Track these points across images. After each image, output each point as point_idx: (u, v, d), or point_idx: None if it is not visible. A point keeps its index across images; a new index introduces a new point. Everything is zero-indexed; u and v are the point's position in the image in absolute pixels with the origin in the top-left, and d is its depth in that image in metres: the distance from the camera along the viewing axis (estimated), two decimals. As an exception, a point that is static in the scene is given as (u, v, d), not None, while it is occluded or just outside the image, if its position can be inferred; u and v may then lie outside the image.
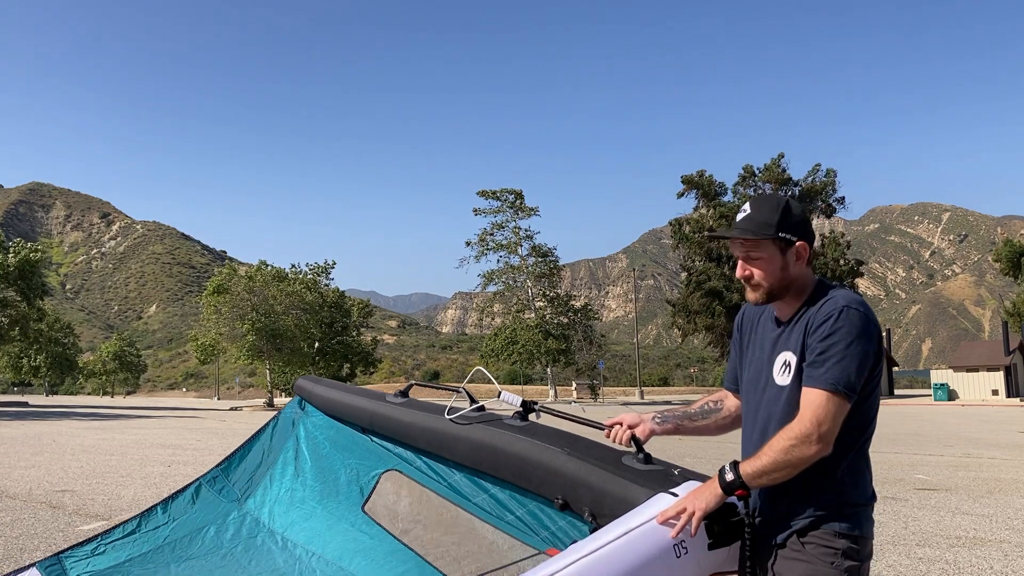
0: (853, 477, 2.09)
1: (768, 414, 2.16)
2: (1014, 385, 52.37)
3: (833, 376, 1.98)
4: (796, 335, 2.12)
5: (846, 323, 2.02)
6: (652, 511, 2.01)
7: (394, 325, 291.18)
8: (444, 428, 2.55)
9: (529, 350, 64.36)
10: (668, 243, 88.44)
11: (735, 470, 2.03)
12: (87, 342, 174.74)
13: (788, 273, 2.15)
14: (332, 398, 2.96)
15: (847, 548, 2.02)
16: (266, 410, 44.36)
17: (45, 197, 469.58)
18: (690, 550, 1.98)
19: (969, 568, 6.14)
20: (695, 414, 2.49)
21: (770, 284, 2.16)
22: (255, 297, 46.35)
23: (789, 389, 2.10)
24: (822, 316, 2.06)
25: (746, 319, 2.39)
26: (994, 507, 9.03)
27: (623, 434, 2.41)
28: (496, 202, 67.54)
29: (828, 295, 2.12)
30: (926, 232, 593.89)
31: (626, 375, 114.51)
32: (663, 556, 1.93)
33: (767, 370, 2.19)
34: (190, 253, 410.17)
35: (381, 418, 2.77)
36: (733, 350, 2.46)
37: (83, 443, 17.29)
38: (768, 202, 2.17)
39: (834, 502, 2.05)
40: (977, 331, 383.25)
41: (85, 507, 8.62)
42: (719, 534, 2.03)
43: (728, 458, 2.10)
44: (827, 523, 2.03)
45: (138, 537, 2.73)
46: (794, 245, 2.15)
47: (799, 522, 2.05)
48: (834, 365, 1.99)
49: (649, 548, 1.93)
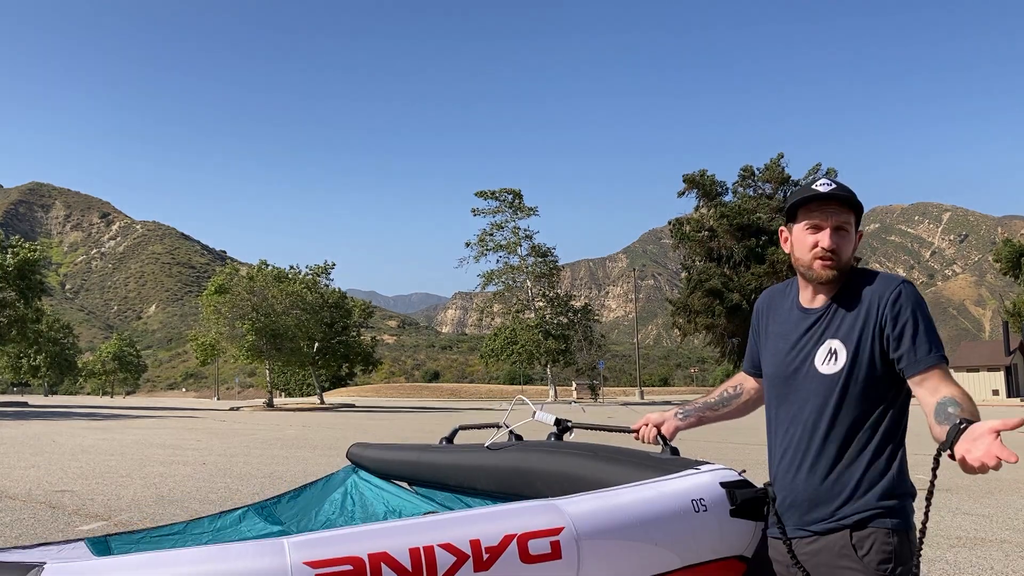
0: (902, 468, 2.06)
1: (816, 405, 2.09)
2: (1014, 385, 52.39)
3: (936, 348, 2.01)
4: (846, 323, 2.08)
5: (912, 298, 2.04)
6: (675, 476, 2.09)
7: (394, 325, 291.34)
8: (479, 461, 2.64)
9: (529, 350, 64.38)
10: (668, 243, 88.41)
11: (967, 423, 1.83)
12: (87, 342, 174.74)
13: (853, 255, 2.15)
14: (380, 457, 3.15)
15: (899, 547, 1.97)
16: (266, 410, 44.36)
17: (45, 197, 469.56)
18: (709, 508, 2.00)
19: (969, 568, 6.13)
20: (716, 403, 2.52)
21: (846, 260, 2.12)
22: (255, 297, 46.35)
23: (841, 376, 2.05)
24: (890, 297, 2.04)
25: (766, 306, 2.36)
26: (994, 507, 9.02)
27: (650, 433, 2.48)
28: (495, 202, 67.56)
29: (868, 279, 2.12)
30: (926, 232, 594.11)
31: (626, 375, 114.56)
32: (681, 508, 1.97)
33: (804, 360, 2.13)
34: (190, 253, 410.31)
35: (424, 466, 2.92)
36: (752, 336, 2.44)
37: (83, 443, 17.28)
38: (840, 183, 2.18)
39: (889, 494, 2.00)
40: (977, 331, 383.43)
41: (85, 507, 8.61)
42: (741, 503, 2.06)
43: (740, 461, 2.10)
44: (880, 519, 1.98)
45: (183, 538, 2.80)
46: (859, 230, 2.17)
47: (851, 516, 1.99)
48: (929, 339, 2.01)
49: (667, 498, 1.98)
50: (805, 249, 2.14)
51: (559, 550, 1.76)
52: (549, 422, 2.64)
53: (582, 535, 1.80)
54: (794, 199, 2.17)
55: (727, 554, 2.06)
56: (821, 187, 2.12)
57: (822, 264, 2.10)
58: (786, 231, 2.24)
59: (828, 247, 2.09)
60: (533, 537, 1.74)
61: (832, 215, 2.10)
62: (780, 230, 2.29)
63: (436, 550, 1.64)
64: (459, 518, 1.75)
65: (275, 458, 14.21)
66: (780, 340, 2.21)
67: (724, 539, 2.04)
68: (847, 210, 2.11)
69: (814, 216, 2.12)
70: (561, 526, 1.79)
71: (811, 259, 2.12)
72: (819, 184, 2.13)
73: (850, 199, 2.10)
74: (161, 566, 1.46)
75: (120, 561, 1.48)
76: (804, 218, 2.14)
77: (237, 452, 15.35)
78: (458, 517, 1.76)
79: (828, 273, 2.10)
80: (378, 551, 1.59)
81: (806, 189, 2.15)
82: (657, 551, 1.91)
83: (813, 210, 2.12)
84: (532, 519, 1.78)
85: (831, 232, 2.10)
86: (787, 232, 2.23)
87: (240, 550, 1.52)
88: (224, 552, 1.51)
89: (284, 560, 1.51)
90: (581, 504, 1.87)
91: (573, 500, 1.89)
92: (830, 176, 50.77)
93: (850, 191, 2.13)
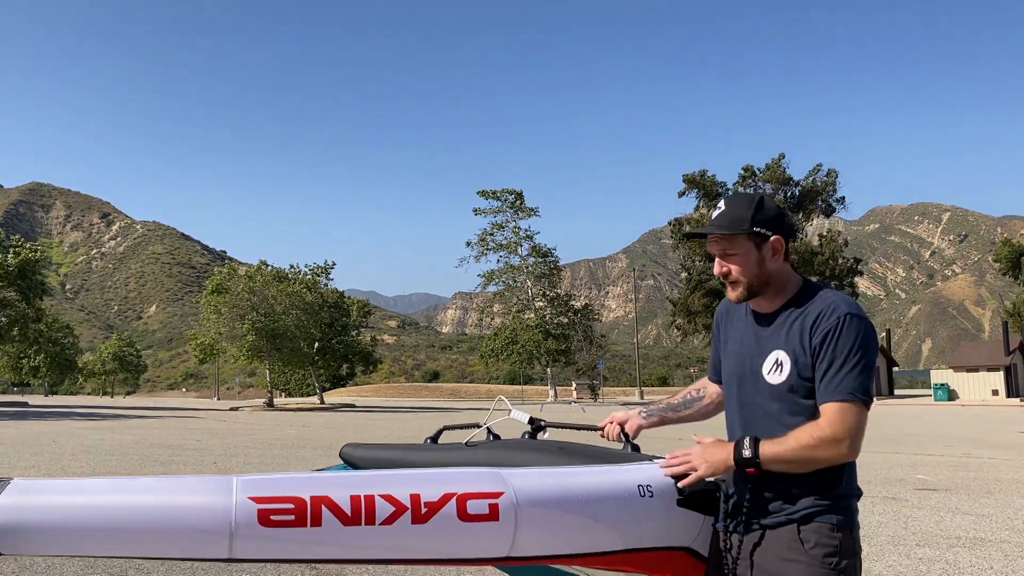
0: (849, 470, 2.13)
1: (759, 412, 2.17)
2: (1014, 385, 52.36)
3: (852, 385, 2.01)
4: (790, 335, 2.12)
5: (857, 332, 2.04)
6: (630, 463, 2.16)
7: (394, 325, 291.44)
8: (460, 458, 2.71)
9: (529, 350, 64.36)
10: (668, 243, 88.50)
11: (755, 447, 2.04)
12: (87, 342, 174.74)
13: (765, 268, 2.16)
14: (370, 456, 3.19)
15: (843, 542, 2.05)
16: (266, 410, 44.35)
17: (45, 197, 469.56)
18: (656, 495, 2.05)
19: (969, 568, 6.13)
20: (678, 405, 2.62)
21: (748, 280, 2.17)
22: (255, 297, 46.32)
23: (783, 388, 2.11)
24: (827, 324, 2.06)
25: (725, 314, 2.43)
26: (994, 507, 9.03)
27: (613, 431, 2.59)
28: (496, 202, 67.55)
29: (821, 296, 2.13)
30: (926, 232, 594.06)
31: (626, 375, 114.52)
32: (627, 490, 2.02)
33: (754, 367, 2.19)
34: (190, 253, 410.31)
35: (408, 462, 2.97)
36: (713, 343, 2.51)
37: (83, 443, 17.28)
38: (742, 199, 2.20)
39: (832, 494, 2.08)
40: (977, 331, 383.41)
41: (85, 507, 8.60)
42: (690, 494, 2.10)
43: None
44: (825, 515, 2.06)
45: None
46: (769, 240, 2.16)
47: (797, 513, 2.07)
48: (851, 374, 2.02)
49: (613, 480, 2.04)
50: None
51: (497, 512, 1.82)
52: (524, 420, 2.73)
53: (521, 502, 1.86)
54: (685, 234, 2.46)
55: (673, 544, 2.10)
56: (714, 211, 2.22)
57: (728, 288, 2.23)
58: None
59: (716, 273, 2.24)
60: (472, 498, 1.81)
61: (714, 244, 2.21)
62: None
63: (376, 499, 1.73)
64: (405, 475, 1.83)
65: (275, 458, 14.22)
66: (737, 345, 2.29)
67: (670, 529, 2.08)
68: (726, 237, 2.17)
69: (708, 245, 2.25)
70: (502, 491, 1.85)
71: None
72: (715, 209, 2.23)
73: (720, 228, 2.16)
74: (119, 491, 1.59)
75: (82, 482, 1.61)
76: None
77: (237, 452, 15.35)
78: (404, 474, 1.84)
79: (733, 295, 2.21)
80: (320, 494, 1.69)
81: (700, 220, 2.21)
82: (598, 528, 1.96)
83: (704, 241, 2.26)
84: (474, 482, 1.85)
85: (717, 261, 2.22)
86: None
87: (192, 484, 1.65)
88: (178, 483, 1.64)
89: (231, 494, 1.63)
90: (526, 475, 1.94)
91: (518, 471, 1.96)
92: (831, 177, 50.09)
93: (725, 217, 2.17)
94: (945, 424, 27.12)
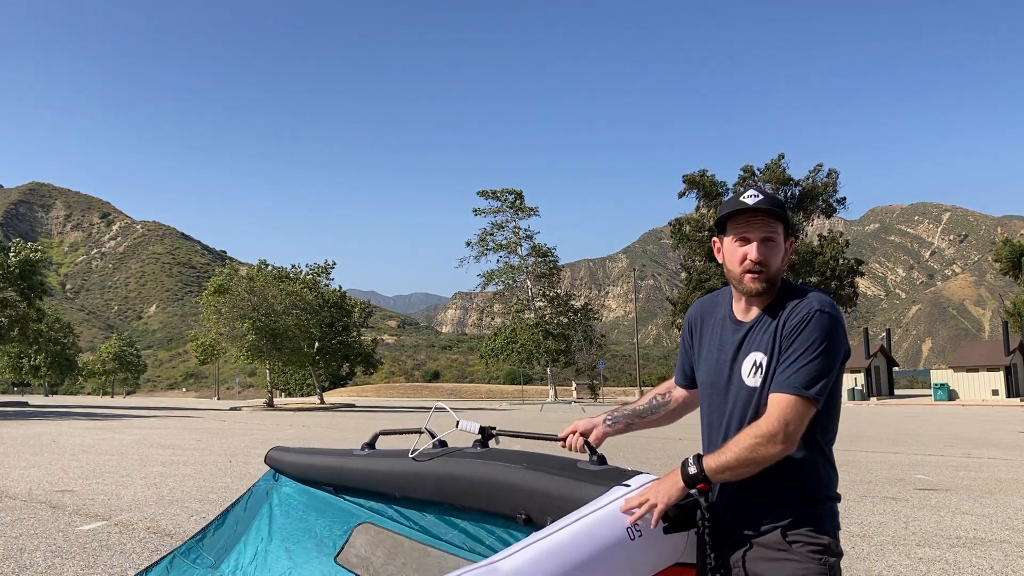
0: (827, 475, 2.13)
1: (739, 416, 2.14)
2: (1014, 385, 52.32)
3: (802, 380, 1.99)
4: (767, 336, 2.11)
5: (818, 327, 2.02)
6: (605, 501, 2.06)
7: (394, 325, 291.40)
8: (408, 469, 2.59)
9: (529, 350, 64.40)
10: (668, 243, 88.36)
11: (698, 463, 2.03)
12: (87, 342, 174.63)
13: (782, 266, 2.15)
14: (301, 463, 3.03)
15: (830, 544, 2.06)
16: (266, 410, 44.34)
17: (45, 197, 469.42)
18: (644, 532, 2.02)
19: (969, 568, 6.13)
20: (644, 411, 2.56)
21: (774, 272, 2.13)
22: (255, 297, 46.31)
23: (760, 390, 2.10)
24: (795, 319, 2.05)
25: (698, 317, 2.36)
26: (994, 507, 9.03)
27: (576, 441, 2.47)
28: (496, 202, 67.64)
29: (800, 296, 2.12)
30: (926, 232, 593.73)
31: (626, 375, 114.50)
32: (617, 539, 1.98)
33: (734, 371, 2.17)
34: (190, 253, 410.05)
35: (349, 472, 2.83)
36: (683, 347, 2.44)
37: (83, 443, 17.28)
38: (772, 193, 2.17)
39: (812, 499, 2.08)
40: (977, 331, 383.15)
41: (85, 507, 8.61)
42: (673, 518, 2.07)
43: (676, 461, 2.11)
44: (810, 521, 2.06)
45: None
46: (790, 239, 2.17)
47: (782, 519, 2.06)
48: (804, 369, 2.00)
49: (602, 532, 1.97)
50: (735, 262, 2.15)
51: None
52: (473, 431, 2.61)
53: None
54: (722, 211, 2.18)
55: (665, 565, 2.09)
56: (748, 199, 2.12)
57: (751, 277, 2.11)
58: (718, 242, 2.25)
59: (756, 259, 2.10)
60: None
61: (759, 227, 2.11)
62: (713, 241, 2.30)
63: None
64: None
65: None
66: (714, 350, 2.25)
67: (661, 553, 2.07)
68: (774, 221, 2.12)
69: (741, 229, 2.13)
70: None
71: (741, 272, 2.13)
72: (746, 196, 2.14)
73: (776, 211, 2.11)
74: None
75: None
76: (733, 231, 2.15)
77: (237, 452, 15.35)
78: None
79: (757, 286, 2.12)
80: None
81: (734, 201, 2.15)
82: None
83: (740, 223, 2.13)
84: None
85: (758, 245, 2.11)
86: (719, 243, 2.24)
87: None
88: None
89: None
90: (517, 559, 1.88)
91: (510, 557, 1.90)
92: (831, 177, 50.24)
93: (778, 201, 2.13)
94: (945, 424, 27.11)
